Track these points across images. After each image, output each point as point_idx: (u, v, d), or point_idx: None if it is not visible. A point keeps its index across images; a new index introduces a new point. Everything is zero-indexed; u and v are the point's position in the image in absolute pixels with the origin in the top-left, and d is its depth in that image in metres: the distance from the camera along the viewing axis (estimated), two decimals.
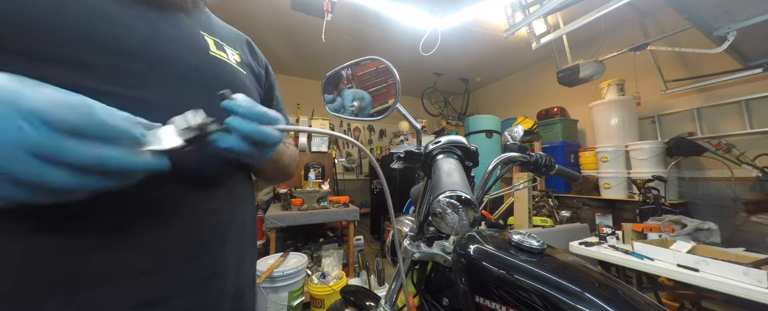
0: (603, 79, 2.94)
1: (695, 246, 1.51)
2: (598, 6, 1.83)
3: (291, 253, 2.16)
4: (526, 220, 2.26)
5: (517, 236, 0.53)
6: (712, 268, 1.26)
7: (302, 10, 2.26)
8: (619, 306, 0.39)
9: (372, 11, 2.83)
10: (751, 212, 2.08)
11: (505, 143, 0.72)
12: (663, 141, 2.74)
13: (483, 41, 3.64)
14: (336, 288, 1.90)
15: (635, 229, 1.78)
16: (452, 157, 0.41)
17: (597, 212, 2.54)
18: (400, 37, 3.49)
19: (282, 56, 4.19)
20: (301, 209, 2.50)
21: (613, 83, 3.04)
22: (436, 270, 0.61)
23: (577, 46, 3.03)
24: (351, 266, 2.60)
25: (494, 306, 0.45)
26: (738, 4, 1.70)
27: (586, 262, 0.51)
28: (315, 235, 3.00)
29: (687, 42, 2.42)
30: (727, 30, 1.86)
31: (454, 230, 0.32)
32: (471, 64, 4.54)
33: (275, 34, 3.53)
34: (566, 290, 0.41)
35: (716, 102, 2.67)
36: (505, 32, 2.27)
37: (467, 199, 0.31)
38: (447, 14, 2.66)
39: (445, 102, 5.30)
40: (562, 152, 3.35)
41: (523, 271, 0.46)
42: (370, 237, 4.30)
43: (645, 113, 3.12)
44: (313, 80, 5.22)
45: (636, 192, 2.58)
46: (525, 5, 2.16)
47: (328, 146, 3.55)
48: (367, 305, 0.92)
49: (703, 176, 2.71)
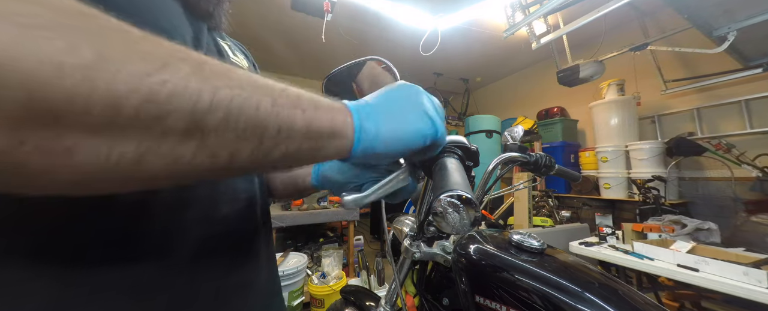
0: (603, 79, 2.94)
1: (695, 246, 1.51)
2: (598, 6, 1.83)
3: (291, 253, 2.16)
4: (526, 220, 2.26)
5: (517, 236, 0.53)
6: (712, 268, 1.26)
7: (302, 10, 2.26)
8: (619, 306, 0.39)
9: (372, 11, 2.83)
10: (751, 212, 2.08)
11: (505, 143, 0.72)
12: (663, 141, 2.74)
13: (483, 41, 3.64)
14: (336, 288, 1.90)
15: (635, 229, 1.78)
16: (453, 157, 0.41)
17: (597, 212, 2.54)
18: (400, 37, 3.49)
19: (282, 56, 4.18)
20: (301, 209, 2.50)
21: (613, 83, 3.04)
22: (436, 270, 0.61)
23: (577, 46, 3.03)
24: (351, 266, 2.60)
25: (494, 305, 0.45)
26: (738, 4, 1.71)
27: (586, 262, 0.51)
28: (315, 235, 3.00)
29: (687, 42, 2.42)
30: (727, 30, 1.86)
31: (454, 230, 0.32)
32: (471, 64, 4.54)
33: (275, 34, 3.53)
34: (566, 290, 0.41)
35: (716, 102, 2.67)
36: (505, 32, 2.27)
37: (468, 199, 0.30)
38: (447, 14, 2.66)
39: (445, 102, 5.30)
40: (562, 152, 3.35)
41: (524, 271, 0.46)
42: (370, 236, 4.30)
43: (645, 113, 3.12)
44: (313, 80, 5.22)
45: (636, 192, 2.58)
46: (525, 5, 2.17)
47: None
48: (367, 305, 0.92)
49: (703, 176, 2.71)
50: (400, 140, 0.29)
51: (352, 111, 0.29)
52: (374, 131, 0.29)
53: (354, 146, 0.28)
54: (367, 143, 0.29)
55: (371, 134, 0.29)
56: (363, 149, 0.29)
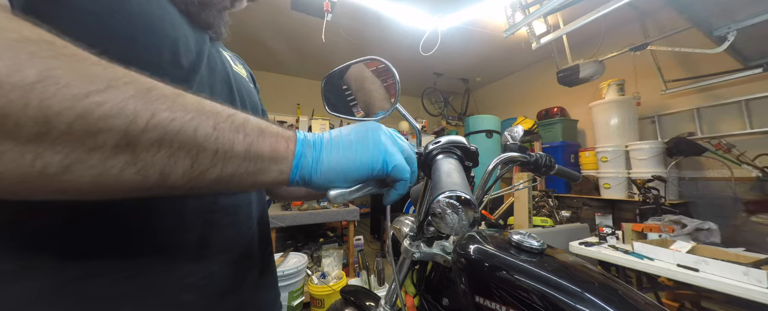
0: (603, 79, 2.94)
1: (695, 246, 1.51)
2: (598, 6, 1.83)
3: (291, 253, 2.16)
4: (526, 220, 2.26)
5: (517, 236, 0.53)
6: (712, 268, 1.26)
7: (302, 10, 2.26)
8: (619, 306, 0.39)
9: (372, 11, 2.83)
10: (751, 212, 2.08)
11: (505, 143, 0.72)
12: (663, 141, 2.74)
13: (483, 41, 3.64)
14: (336, 288, 1.90)
15: (635, 229, 1.78)
16: (452, 157, 0.41)
17: (597, 212, 2.54)
18: (400, 37, 3.49)
19: (282, 56, 4.18)
20: (301, 209, 2.50)
21: (613, 83, 3.04)
22: (436, 270, 0.61)
23: (577, 46, 3.03)
24: (351, 266, 2.60)
25: (494, 306, 0.45)
26: (738, 4, 1.70)
27: (586, 262, 0.51)
28: (315, 235, 3.00)
29: (687, 42, 2.42)
30: (727, 30, 1.86)
31: (453, 231, 0.32)
32: (471, 64, 4.54)
33: (275, 34, 3.53)
34: (566, 290, 0.41)
35: (716, 102, 2.67)
36: (505, 32, 2.27)
37: (467, 199, 0.30)
38: (447, 14, 2.66)
39: (445, 102, 5.30)
40: (562, 152, 3.35)
41: (523, 271, 0.46)
42: (370, 236, 4.30)
43: (645, 113, 3.12)
44: (313, 80, 5.22)
45: (636, 192, 2.58)
46: (525, 5, 2.16)
47: None
48: (367, 305, 0.92)
49: (703, 176, 2.71)
50: (342, 171, 0.32)
51: (298, 140, 0.31)
52: (314, 160, 0.31)
53: (292, 171, 0.30)
54: (306, 170, 0.31)
55: (310, 162, 0.31)
56: (301, 175, 0.31)
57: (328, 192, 0.34)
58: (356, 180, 0.33)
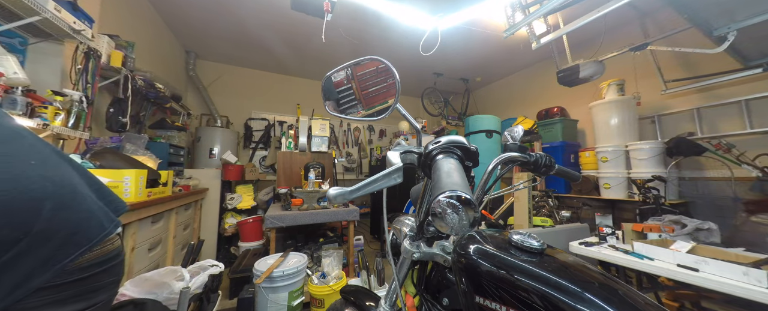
0: (603, 79, 2.94)
1: (695, 246, 1.51)
2: (598, 6, 1.83)
3: (291, 253, 2.16)
4: (526, 220, 2.26)
5: (517, 236, 0.53)
6: (712, 268, 1.26)
7: (302, 10, 2.26)
8: (619, 306, 0.39)
9: (372, 11, 2.83)
10: (751, 212, 2.08)
11: (505, 143, 0.72)
12: (663, 141, 2.74)
13: (483, 41, 3.64)
14: (336, 288, 1.90)
15: (635, 229, 1.78)
16: (452, 157, 0.41)
17: (597, 212, 2.54)
18: (400, 37, 3.49)
19: (282, 56, 4.19)
20: (301, 209, 2.50)
21: (613, 83, 3.04)
22: (436, 270, 0.61)
23: (577, 46, 3.03)
24: (351, 266, 2.60)
25: (494, 306, 0.45)
26: (738, 4, 1.70)
27: (586, 262, 0.51)
28: (315, 235, 3.00)
29: (687, 42, 2.42)
30: (727, 30, 1.86)
31: (453, 231, 0.32)
32: (471, 64, 4.54)
33: (275, 34, 3.53)
34: (566, 290, 0.41)
35: (716, 102, 2.67)
36: (505, 32, 2.27)
37: (467, 199, 0.30)
38: (447, 14, 2.66)
39: (445, 102, 5.30)
40: (562, 152, 3.35)
41: (523, 271, 0.46)
42: (370, 237, 4.30)
43: (645, 113, 3.12)
44: (313, 80, 5.22)
45: (636, 192, 2.58)
46: (525, 5, 2.17)
47: (328, 146, 3.55)
48: (367, 305, 0.91)
49: (703, 176, 2.71)
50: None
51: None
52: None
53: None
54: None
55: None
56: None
57: (328, 192, 0.34)
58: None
